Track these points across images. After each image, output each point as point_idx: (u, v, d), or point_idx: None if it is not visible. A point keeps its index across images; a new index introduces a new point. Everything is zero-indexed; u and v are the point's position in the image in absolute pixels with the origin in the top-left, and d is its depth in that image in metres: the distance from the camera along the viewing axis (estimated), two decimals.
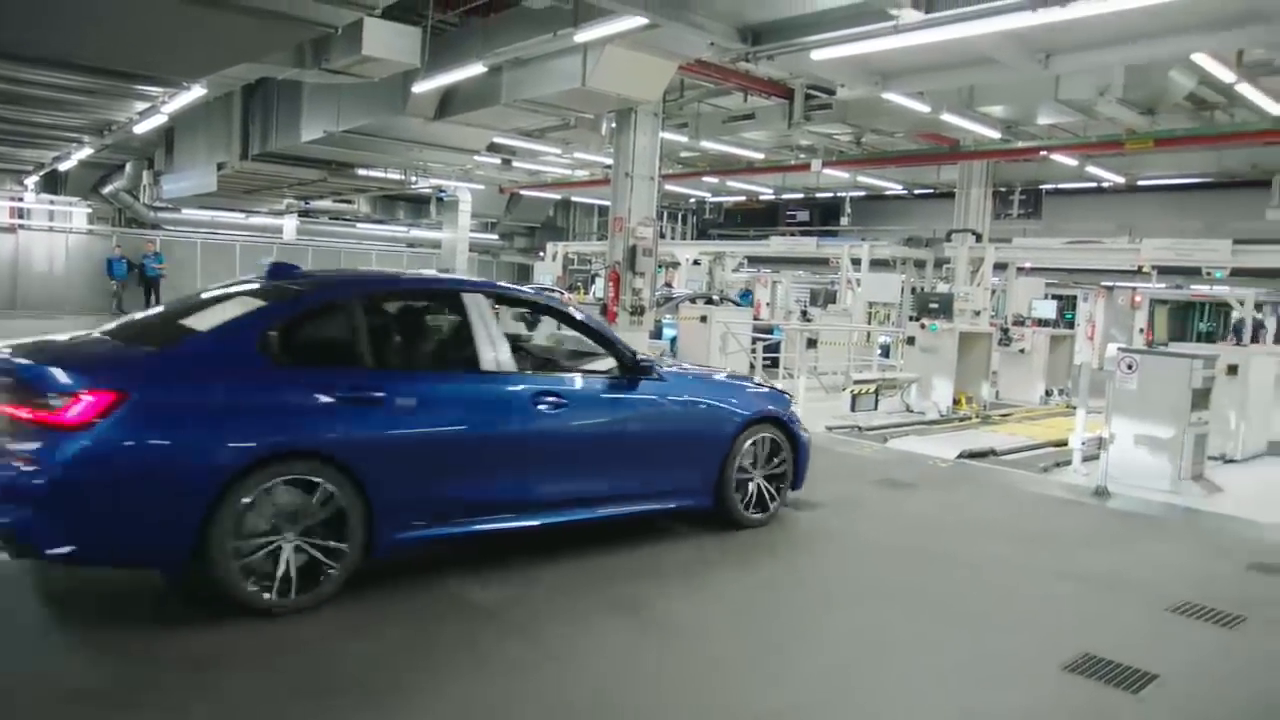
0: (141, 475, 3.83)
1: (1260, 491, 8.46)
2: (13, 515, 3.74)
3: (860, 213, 26.81)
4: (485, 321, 4.89)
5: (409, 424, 4.45)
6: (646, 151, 12.75)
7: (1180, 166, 18.68)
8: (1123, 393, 8.14)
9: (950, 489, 7.93)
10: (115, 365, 4.07)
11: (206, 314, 4.53)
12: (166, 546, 3.92)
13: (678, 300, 17.56)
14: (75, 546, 3.79)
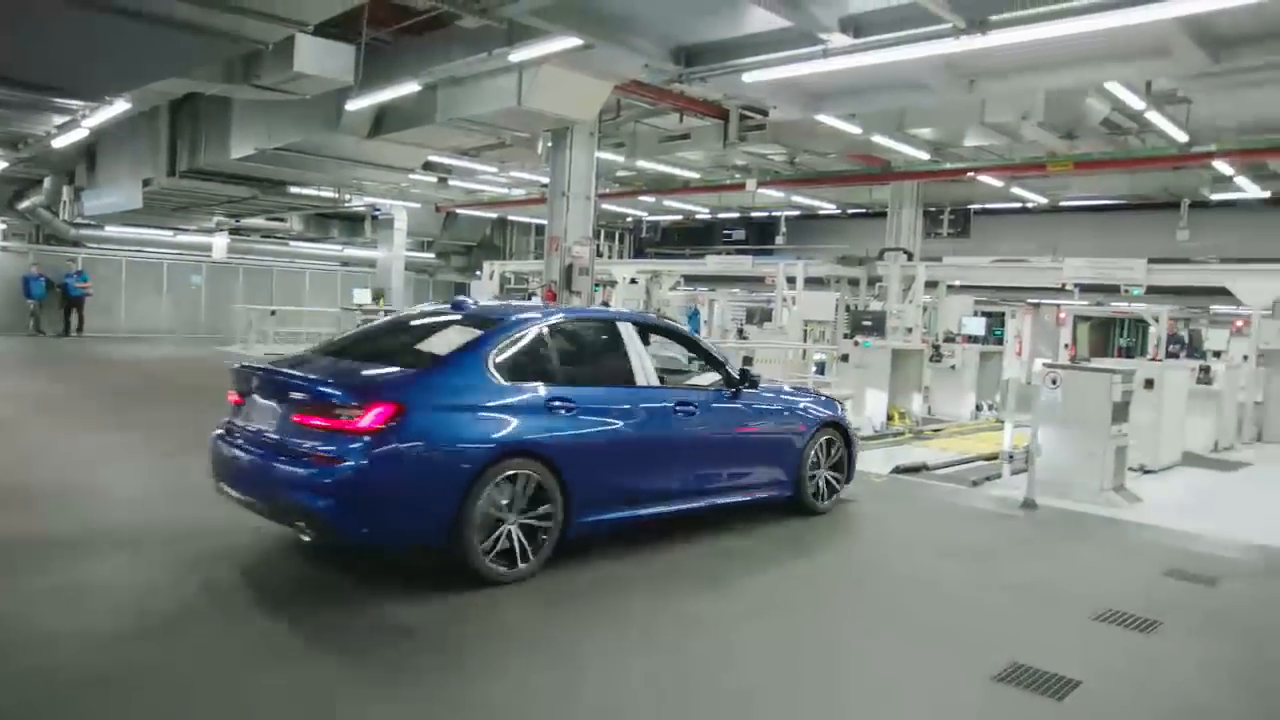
0: (416, 471, 4.79)
1: (1176, 500, 8.80)
2: (320, 504, 4.65)
3: (795, 231, 27.24)
4: (635, 345, 6.08)
5: (592, 428, 5.50)
6: (583, 170, 12.81)
7: (1099, 189, 19.42)
8: (1048, 407, 8.40)
9: (884, 503, 8.08)
10: (394, 384, 4.97)
11: (432, 339, 5.73)
12: (433, 528, 4.87)
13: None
14: (368, 529, 4.79)
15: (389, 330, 6.08)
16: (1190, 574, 6.14)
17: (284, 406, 5.03)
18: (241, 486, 5.15)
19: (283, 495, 4.83)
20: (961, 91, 9.90)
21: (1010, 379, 9.44)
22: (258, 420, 5.20)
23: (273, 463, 4.91)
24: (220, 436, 5.43)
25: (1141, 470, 9.96)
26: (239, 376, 5.48)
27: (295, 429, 4.90)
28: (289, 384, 5.08)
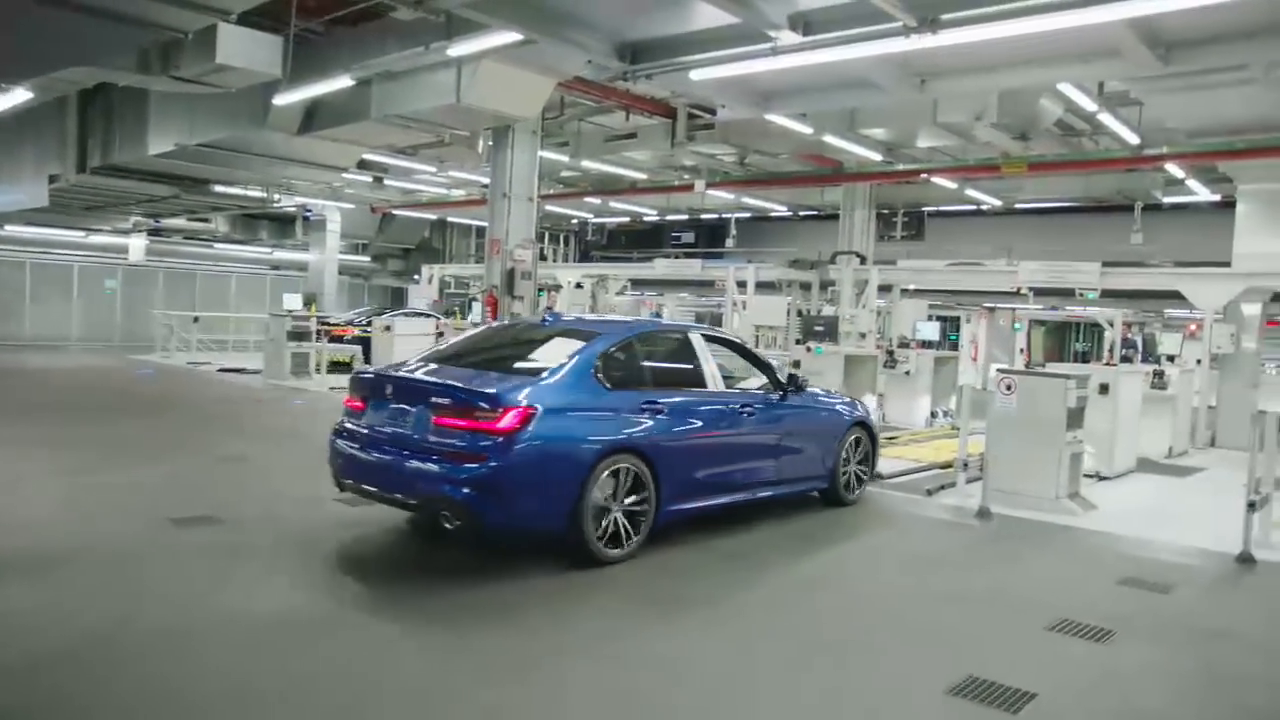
0: (544, 465, 5.69)
1: (1131, 508, 9.03)
2: (466, 495, 5.51)
3: (746, 234, 27.45)
4: (704, 352, 7.11)
5: (677, 427, 6.48)
6: (525, 171, 12.78)
7: (1053, 191, 19.89)
8: (1002, 414, 8.57)
9: (837, 514, 8.14)
10: (525, 389, 5.82)
11: (540, 349, 6.55)
12: (557, 515, 5.77)
13: None
14: (506, 517, 5.64)
15: (492, 341, 7.23)
16: (1145, 582, 6.31)
17: (424, 410, 5.87)
18: (377, 482, 5.99)
19: (429, 488, 5.66)
20: (913, 91, 10.08)
21: (965, 385, 9.62)
22: (393, 423, 6.04)
23: (417, 460, 5.76)
24: (344, 439, 6.32)
25: (1097, 477, 10.20)
26: (362, 383, 6.41)
27: (438, 430, 5.77)
28: (431, 389, 5.94)
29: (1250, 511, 7.09)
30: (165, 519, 6.74)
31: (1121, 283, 16.03)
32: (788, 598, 5.70)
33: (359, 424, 6.29)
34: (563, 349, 6.38)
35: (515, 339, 7.14)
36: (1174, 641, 5.22)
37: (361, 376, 6.49)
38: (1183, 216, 22.33)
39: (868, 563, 6.65)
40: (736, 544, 6.83)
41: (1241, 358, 14.02)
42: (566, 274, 24.65)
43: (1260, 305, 14.07)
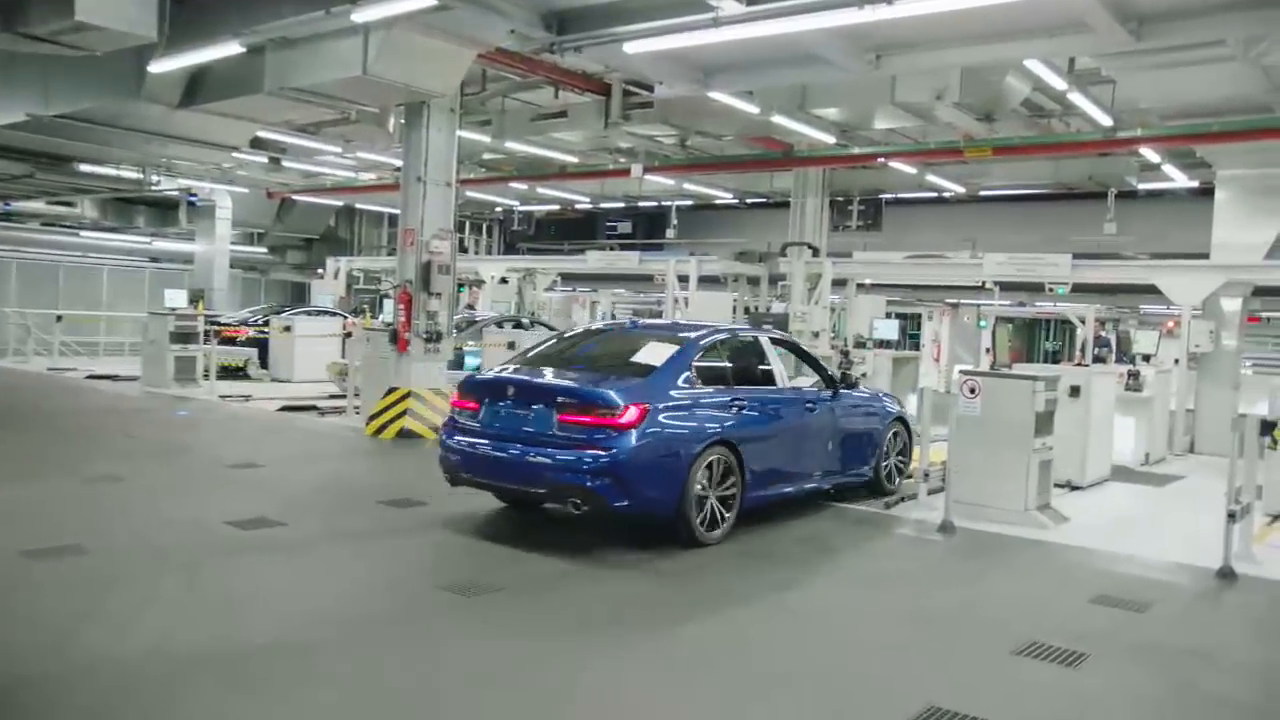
0: (657, 456, 7.03)
1: (1104, 520, 9.24)
2: (594, 483, 6.83)
3: (688, 224, 27.55)
4: (772, 353, 8.62)
5: (758, 421, 7.88)
6: (442, 153, 12.64)
7: (1020, 177, 20.28)
8: (966, 419, 8.71)
9: (785, 528, 8.20)
10: (639, 388, 7.17)
11: (638, 351, 7.82)
12: (667, 501, 7.10)
13: (482, 324, 17.45)
14: (628, 502, 6.91)
15: (587, 343, 8.57)
16: (1120, 600, 6.45)
17: (547, 408, 7.13)
18: (502, 475, 7.34)
19: (558, 478, 6.94)
20: (868, 67, 10.20)
21: (926, 387, 9.77)
22: (515, 421, 7.27)
23: (543, 453, 7.01)
24: (461, 436, 7.56)
25: (1068, 487, 10.44)
26: (477, 385, 7.74)
27: (562, 426, 7.03)
28: (555, 390, 7.23)
29: (1230, 522, 7.28)
30: (16, 551, 6.46)
31: (1094, 276, 16.42)
32: (731, 622, 5.72)
33: (475, 423, 7.54)
34: (659, 351, 7.75)
35: (609, 342, 8.61)
36: (1150, 664, 5.34)
37: (477, 380, 7.96)
38: (1159, 205, 22.95)
39: (818, 582, 6.70)
40: (673, 564, 6.86)
41: (1221, 357, 14.42)
42: (490, 268, 24.53)
43: (1241, 300, 14.49)
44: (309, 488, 9.21)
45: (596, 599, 6.08)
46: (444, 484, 7.84)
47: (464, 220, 32.08)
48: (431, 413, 12.41)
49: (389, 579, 6.36)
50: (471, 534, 7.53)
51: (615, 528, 7.57)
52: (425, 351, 12.50)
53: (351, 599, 5.87)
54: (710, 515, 7.37)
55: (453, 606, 5.74)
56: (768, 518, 8.46)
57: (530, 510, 8.20)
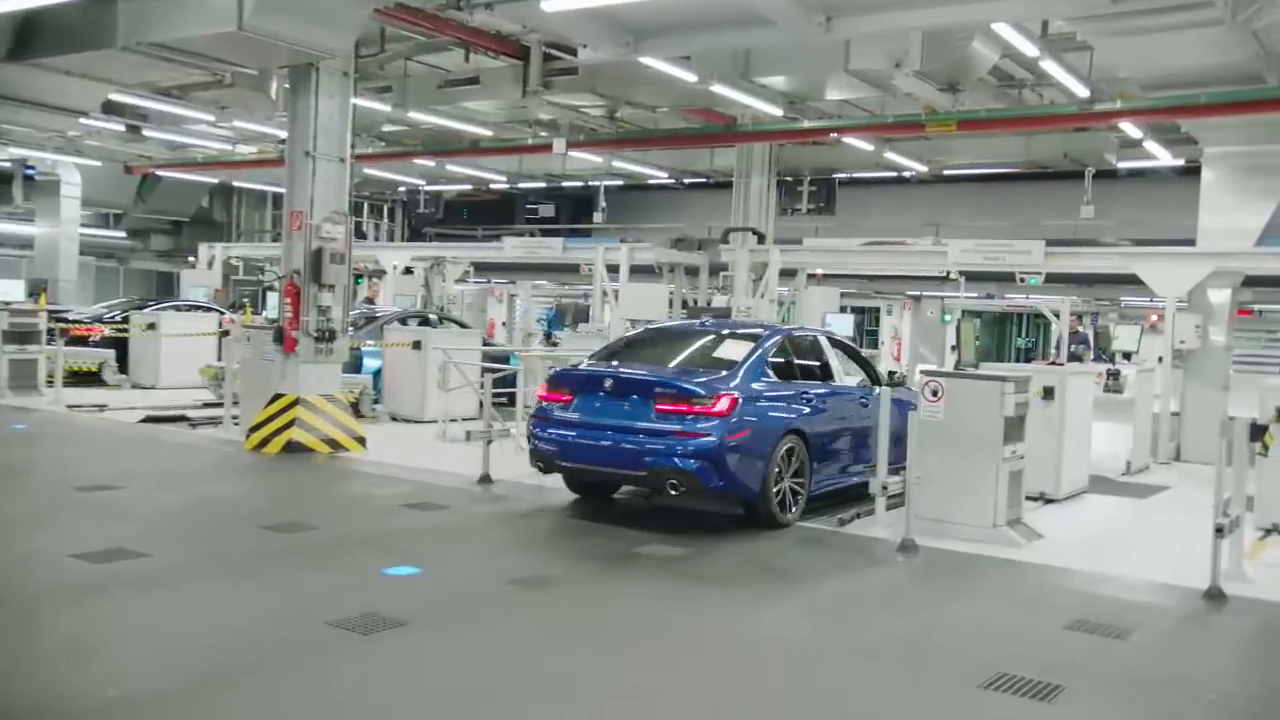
0: (746, 442, 8.62)
1: (1082, 535, 9.41)
2: (692, 466, 8.44)
3: (618, 207, 27.61)
4: (831, 351, 10.43)
5: (822, 414, 9.49)
6: (334, 123, 12.45)
7: (989, 154, 20.59)
8: (928, 425, 8.80)
9: (731, 550, 8.25)
10: (727, 381, 8.85)
11: (718, 347, 9.74)
12: (753, 484, 8.75)
13: (383, 320, 17.28)
14: (722, 483, 8.54)
15: (664, 339, 10.62)
16: (1098, 625, 6.54)
17: (643, 399, 8.77)
18: (601, 461, 8.91)
19: (658, 461, 8.56)
20: (818, 30, 10.26)
21: (880, 390, 9.86)
22: (612, 411, 8.87)
23: (642, 440, 8.63)
24: (556, 428, 9.13)
25: (1042, 499, 10.61)
26: (570, 378, 9.48)
27: (659, 415, 8.65)
28: (652, 382, 8.94)
29: (1218, 538, 7.41)
30: None
31: (1069, 265, 16.76)
32: (663, 658, 5.69)
33: (570, 414, 9.11)
34: (738, 348, 9.50)
35: (686, 337, 10.38)
36: (1131, 697, 5.42)
37: (569, 373, 9.72)
38: (1141, 186, 23.49)
39: (763, 610, 6.71)
40: (592, 594, 6.78)
41: (1209, 354, 14.76)
42: (392, 256, 24.33)
43: (1230, 291, 14.82)
44: (177, 512, 9.02)
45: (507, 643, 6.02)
46: (338, 504, 8.00)
47: (361, 201, 31.75)
48: (324, 423, 12.23)
49: (270, 616, 6.22)
50: (369, 559, 7.42)
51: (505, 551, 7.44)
52: (316, 353, 12.30)
53: (224, 641, 5.73)
54: (784, 498, 9.00)
55: (349, 645, 5.63)
56: (707, 536, 8.48)
57: (606, 499, 10.15)
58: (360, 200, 31.41)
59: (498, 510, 9.90)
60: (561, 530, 9.16)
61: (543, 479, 10.53)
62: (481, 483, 10.52)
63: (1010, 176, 23.72)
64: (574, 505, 9.88)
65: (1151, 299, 21.38)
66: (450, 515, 9.31)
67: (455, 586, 6.93)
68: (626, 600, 6.82)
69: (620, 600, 6.81)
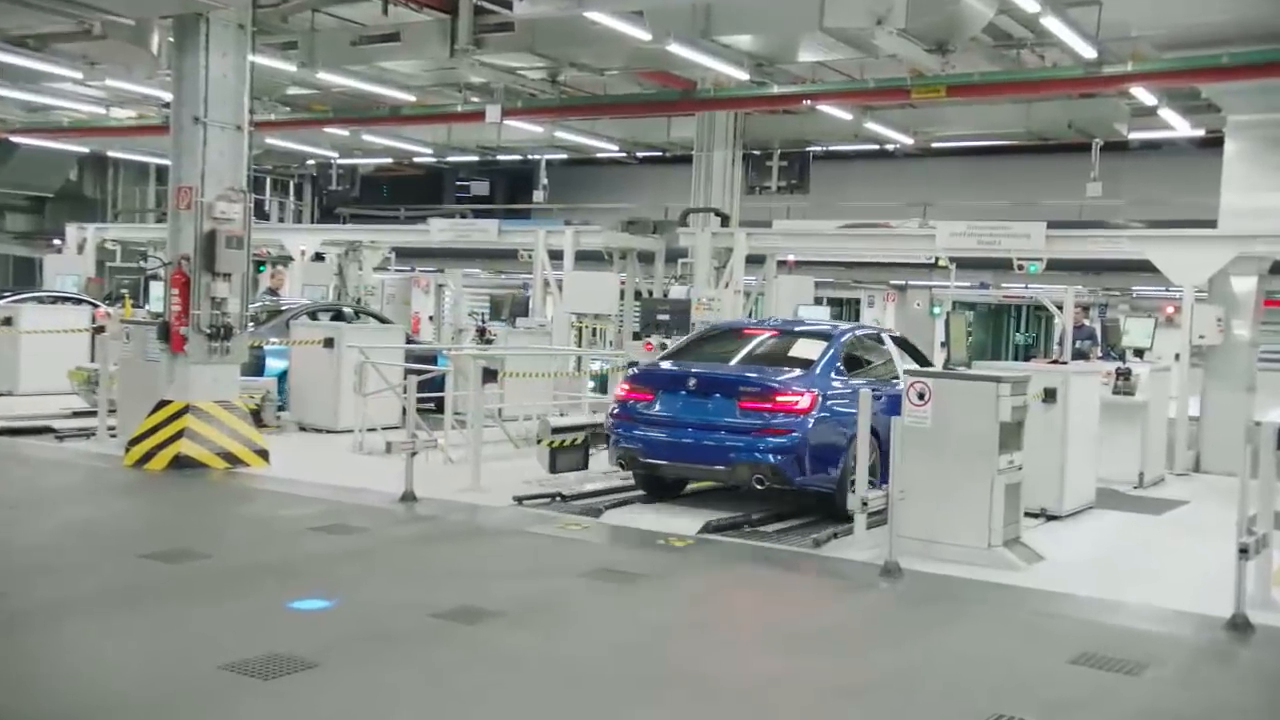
0: (826, 437, 10.11)
1: (1089, 557, 9.50)
2: (777, 460, 9.93)
3: (562, 184, 27.58)
4: (893, 349, 11.79)
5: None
6: (229, 85, 12.32)
7: (983, 124, 20.73)
8: (913, 431, 8.83)
9: (691, 578, 8.29)
10: (807, 378, 10.41)
11: (791, 347, 11.35)
12: (831, 478, 10.22)
13: (289, 315, 17.11)
14: (803, 477, 9.98)
15: (734, 339, 12.04)
16: (1107, 659, 6.58)
17: (726, 397, 10.34)
18: (687, 457, 10.50)
19: (743, 457, 10.12)
20: None
21: (860, 391, 9.89)
22: (696, 409, 10.43)
23: (727, 437, 10.22)
24: (643, 427, 10.65)
25: (1043, 516, 10.70)
26: (652, 377, 11.15)
27: (743, 412, 10.22)
28: (736, 380, 10.56)
29: (1243, 559, 7.44)
30: None
31: (1074, 250, 16.86)
32: (613, 694, 5.67)
33: (653, 412, 10.66)
34: (812, 347, 11.05)
35: (752, 336, 11.95)
36: None
37: (653, 372, 11.38)
38: (1155, 160, 23.79)
39: (727, 643, 6.70)
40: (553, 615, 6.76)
41: (1232, 350, 14.81)
42: (299, 239, 24.06)
43: (1256, 279, 14.88)
44: (40, 540, 8.89)
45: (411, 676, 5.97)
46: (236, 527, 8.49)
47: (263, 177, 31.44)
48: (219, 434, 12.09)
49: (151, 662, 6.13)
50: (272, 591, 7.35)
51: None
52: (209, 352, 12.15)
53: (94, 695, 5.64)
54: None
55: (246, 692, 5.56)
56: (666, 559, 8.47)
57: (675, 494, 11.57)
58: (261, 175, 31.09)
59: (423, 532, 9.87)
60: (497, 554, 9.11)
61: (477, 496, 10.59)
62: (404, 501, 10.48)
63: (1007, 150, 23.91)
64: (512, 525, 9.88)
65: (1167, 288, 21.58)
66: (367, 539, 9.25)
67: (373, 621, 6.88)
68: (572, 633, 6.80)
69: (565, 634, 6.79)
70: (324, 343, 15.30)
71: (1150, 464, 13.51)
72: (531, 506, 10.76)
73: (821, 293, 24.96)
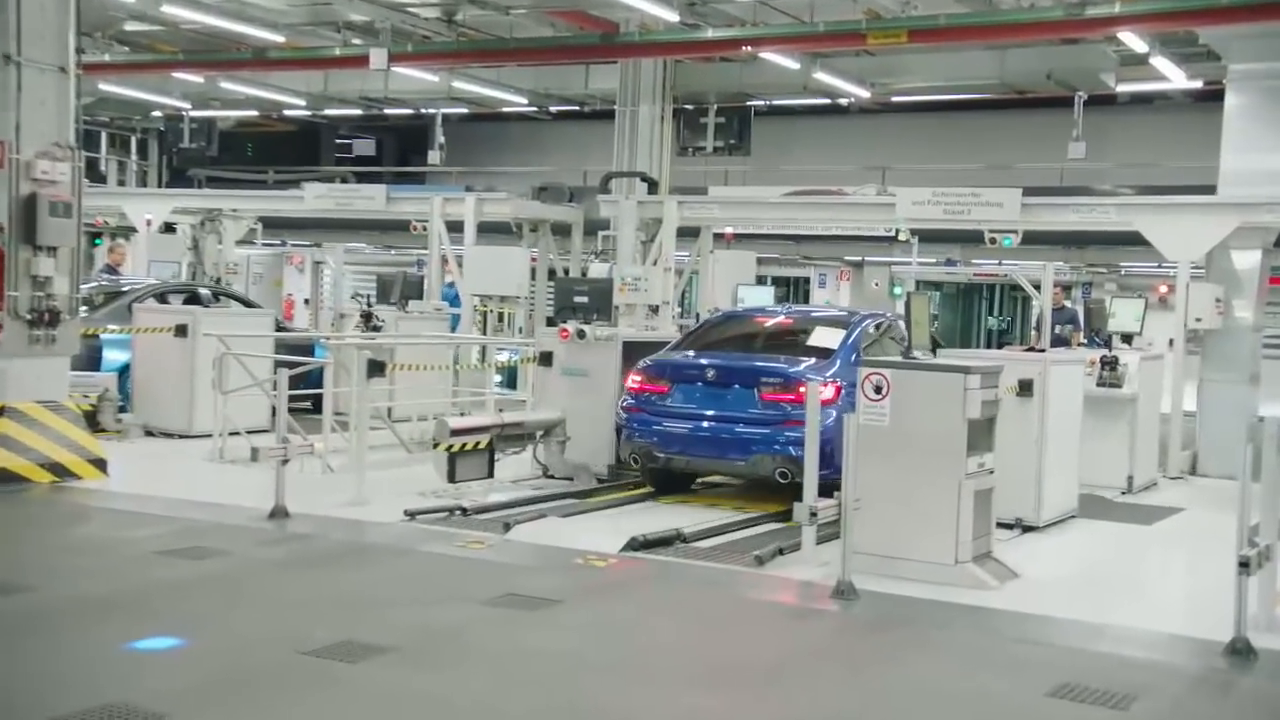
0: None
1: (1070, 573, 9.63)
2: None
3: (462, 144, 27.46)
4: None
5: None
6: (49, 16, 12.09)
7: (949, 75, 20.96)
8: (869, 430, 8.85)
9: (613, 603, 8.32)
10: (829, 368, 11.52)
11: (811, 335, 12.71)
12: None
13: (132, 297, 16.87)
14: (828, 470, 9.41)
15: (743, 327, 13.70)
16: (1091, 690, 6.65)
17: (747, 389, 11.45)
18: (702, 451, 11.68)
19: (766, 450, 11.17)
20: None
21: (809, 385, 9.93)
22: (714, 401, 11.62)
23: (748, 428, 11.34)
24: (662, 419, 11.71)
25: (1018, 527, 10.81)
26: (665, 367, 12.10)
27: (764, 404, 11.29)
28: (759, 371, 11.67)
29: (1243, 574, 7.52)
30: None
31: (1054, 220, 17.00)
32: None
33: (668, 404, 11.79)
34: (831, 335, 12.25)
35: (765, 325, 13.59)
36: None
37: (667, 361, 12.28)
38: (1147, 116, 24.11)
39: (652, 679, 6.69)
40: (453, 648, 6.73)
41: (1233, 335, 15.08)
42: (144, 206, 23.72)
43: (1260, 253, 15.12)
44: None
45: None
46: (67, 553, 8.62)
47: (97, 131, 30.97)
48: (45, 440, 11.90)
49: None
50: (112, 629, 7.24)
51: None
52: (31, 343, 11.94)
53: None
54: None
55: None
56: (578, 583, 8.46)
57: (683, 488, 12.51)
58: (95, 129, 30.62)
59: (295, 554, 9.77)
60: (385, 578, 9.01)
61: (361, 511, 10.55)
62: (274, 518, 10.37)
63: (978, 105, 24.17)
64: (403, 545, 9.85)
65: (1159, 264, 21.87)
66: (228, 563, 9.13)
67: (234, 661, 6.79)
68: (472, 671, 6.77)
69: (463, 671, 6.76)
70: (175, 330, 15.07)
71: (1140, 466, 13.69)
72: (426, 522, 10.62)
73: (765, 270, 25.11)
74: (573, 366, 12.99)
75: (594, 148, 23.88)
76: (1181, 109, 22.55)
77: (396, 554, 9.66)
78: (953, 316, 32.57)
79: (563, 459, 12.75)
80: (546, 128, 29.16)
